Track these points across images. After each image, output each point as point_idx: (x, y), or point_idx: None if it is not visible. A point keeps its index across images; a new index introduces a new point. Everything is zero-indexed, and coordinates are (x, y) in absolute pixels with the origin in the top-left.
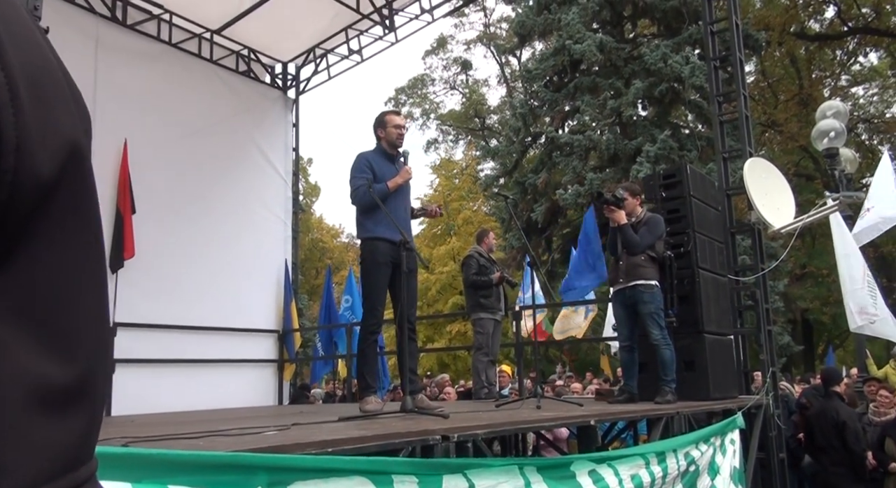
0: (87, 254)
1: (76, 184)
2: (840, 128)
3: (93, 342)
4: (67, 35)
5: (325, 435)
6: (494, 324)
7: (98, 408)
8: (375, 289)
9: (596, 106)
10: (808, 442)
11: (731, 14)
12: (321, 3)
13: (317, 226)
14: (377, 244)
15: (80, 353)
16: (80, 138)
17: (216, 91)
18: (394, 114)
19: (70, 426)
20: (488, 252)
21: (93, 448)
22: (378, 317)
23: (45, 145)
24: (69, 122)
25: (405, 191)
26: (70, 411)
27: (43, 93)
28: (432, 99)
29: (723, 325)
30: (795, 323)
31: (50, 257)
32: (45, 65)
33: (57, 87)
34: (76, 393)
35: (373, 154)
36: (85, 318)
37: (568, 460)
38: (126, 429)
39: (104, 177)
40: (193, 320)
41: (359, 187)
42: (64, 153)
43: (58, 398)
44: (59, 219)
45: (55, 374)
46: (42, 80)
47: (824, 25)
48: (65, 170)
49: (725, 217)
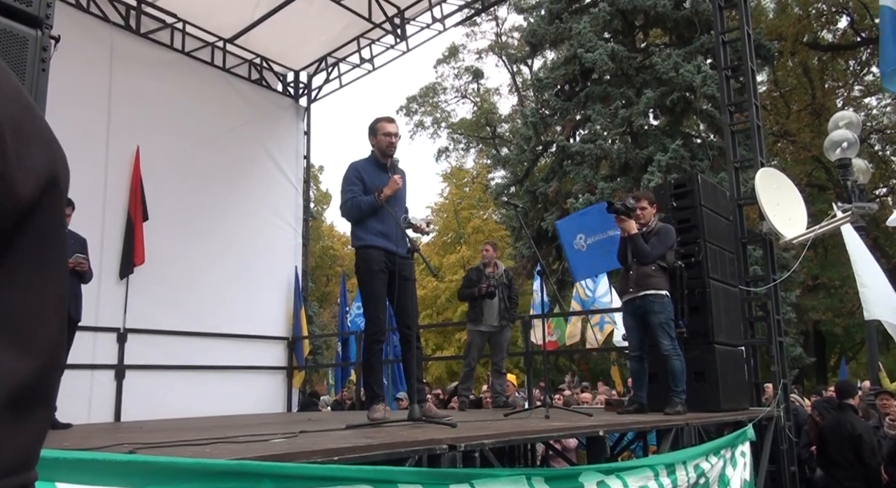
0: (56, 268)
1: (52, 209)
2: (853, 139)
3: (52, 347)
4: (82, 43)
5: (332, 443)
6: (479, 335)
7: (49, 420)
8: (373, 297)
9: (607, 115)
10: (820, 455)
11: (742, 24)
12: (333, 13)
13: (328, 233)
14: (370, 252)
15: (41, 357)
16: (57, 169)
17: (228, 99)
18: (386, 121)
19: (29, 426)
20: (483, 265)
21: (38, 455)
22: (380, 325)
23: (24, 176)
24: (46, 157)
25: (399, 199)
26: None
27: (24, 135)
28: (443, 107)
29: (733, 336)
30: (807, 334)
31: (25, 269)
32: (26, 113)
33: (35, 130)
34: (38, 394)
35: (364, 163)
36: (49, 325)
37: (576, 471)
38: (134, 436)
39: (116, 183)
40: (203, 326)
41: (346, 200)
42: (42, 182)
43: (27, 401)
44: (36, 237)
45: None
46: (23, 125)
47: (837, 36)
48: (42, 196)
49: (737, 227)
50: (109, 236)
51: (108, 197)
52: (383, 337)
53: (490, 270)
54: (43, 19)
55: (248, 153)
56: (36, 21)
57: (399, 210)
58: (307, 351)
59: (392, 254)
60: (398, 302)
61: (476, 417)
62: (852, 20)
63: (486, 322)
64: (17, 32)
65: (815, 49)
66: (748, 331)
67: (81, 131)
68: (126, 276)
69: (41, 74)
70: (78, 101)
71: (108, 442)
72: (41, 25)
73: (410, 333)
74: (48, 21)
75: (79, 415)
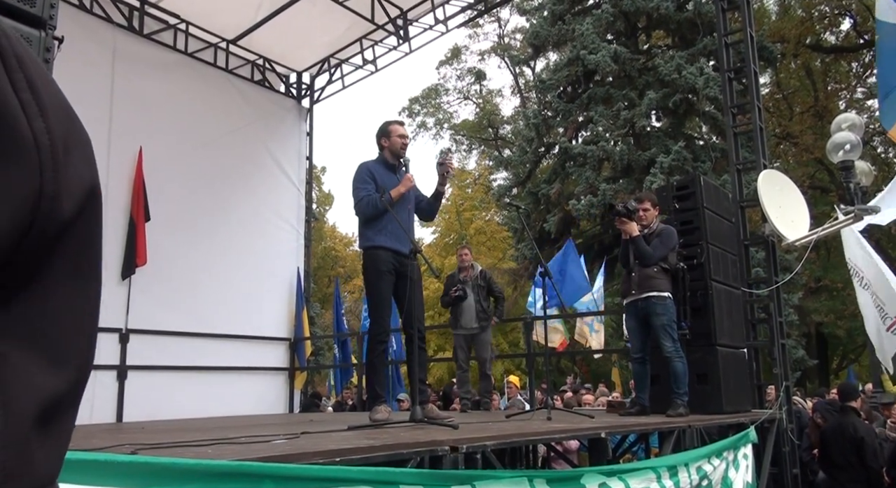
0: (93, 280)
1: (91, 222)
2: (855, 141)
3: (84, 360)
4: (85, 44)
5: (334, 444)
6: (461, 338)
7: (71, 429)
8: (379, 298)
9: (610, 116)
10: (822, 458)
11: (745, 26)
12: (336, 14)
13: (330, 234)
14: (378, 253)
15: (73, 371)
16: (96, 180)
17: (231, 100)
18: (398, 124)
19: (57, 438)
20: (459, 269)
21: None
22: (384, 326)
23: (70, 192)
24: (87, 167)
25: (407, 199)
26: (60, 424)
27: (70, 147)
28: (446, 109)
29: (736, 338)
30: (810, 336)
31: (64, 282)
32: (70, 122)
33: (78, 138)
34: (67, 408)
35: (374, 163)
36: (82, 338)
37: (578, 473)
38: (136, 436)
39: (119, 184)
40: (205, 327)
41: (362, 198)
42: (84, 195)
43: (57, 415)
44: (74, 253)
45: (57, 391)
46: (69, 137)
47: (840, 38)
48: (83, 209)
49: (739, 229)
50: (110, 237)
51: (109, 198)
52: (387, 337)
53: (465, 274)
54: (46, 20)
55: (250, 154)
56: (39, 22)
57: (411, 209)
58: (309, 352)
59: (399, 255)
60: (407, 303)
61: (478, 419)
62: (855, 22)
63: (464, 325)
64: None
65: (817, 51)
66: (751, 333)
67: None
68: (128, 277)
69: None
70: (80, 101)
71: (110, 442)
72: (45, 26)
73: (419, 335)
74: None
75: (80, 416)
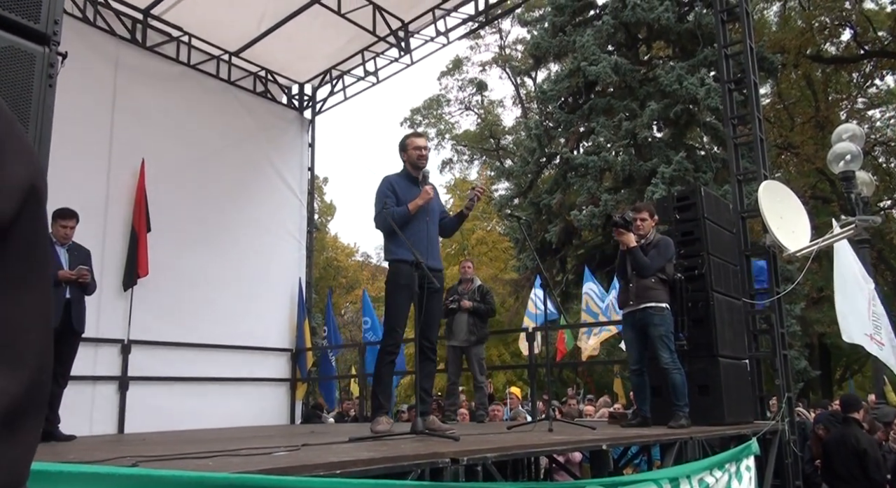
0: (40, 279)
1: (34, 221)
2: (856, 152)
3: (41, 359)
4: (88, 57)
5: (334, 456)
6: (453, 350)
7: (38, 432)
8: (395, 310)
9: (611, 127)
10: (825, 469)
11: (745, 37)
12: (338, 26)
13: (332, 244)
14: (399, 266)
15: (30, 372)
16: (37, 181)
17: (233, 111)
18: (416, 136)
19: (21, 441)
20: (459, 281)
21: (28, 470)
22: (396, 339)
23: (5, 190)
24: (26, 169)
25: (431, 211)
26: (22, 426)
27: (4, 149)
28: (447, 119)
29: (737, 349)
30: (812, 347)
31: (8, 283)
32: (7, 125)
33: (16, 141)
34: (28, 409)
35: (397, 177)
36: (36, 337)
37: (580, 485)
38: (137, 448)
39: (121, 195)
40: (207, 338)
41: (380, 212)
42: (23, 194)
43: (16, 420)
44: (18, 249)
45: (14, 393)
46: (4, 139)
47: (840, 48)
48: (23, 208)
49: (740, 239)
50: (111, 248)
51: (109, 209)
52: (397, 350)
53: (464, 286)
54: (50, 36)
55: (252, 165)
56: (43, 38)
57: (432, 221)
58: (311, 363)
59: (419, 267)
60: (425, 315)
61: (479, 430)
62: (855, 33)
63: (457, 337)
64: (24, 49)
65: (818, 61)
66: (752, 344)
67: (86, 144)
68: (130, 288)
69: (48, 90)
70: (83, 113)
71: (111, 454)
72: (48, 42)
73: (430, 346)
74: (55, 38)
75: (81, 427)
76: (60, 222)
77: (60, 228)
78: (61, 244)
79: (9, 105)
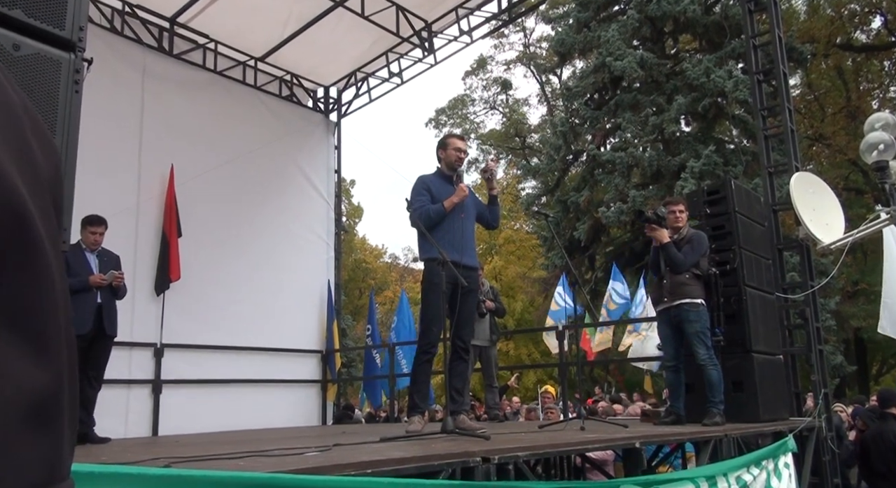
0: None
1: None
2: (889, 141)
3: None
4: (116, 66)
5: (366, 456)
6: (473, 350)
7: (74, 429)
8: (430, 309)
9: (638, 122)
10: (862, 465)
11: (773, 27)
12: (361, 29)
13: (360, 246)
14: (433, 265)
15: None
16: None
17: (260, 116)
18: (456, 137)
19: (51, 439)
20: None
21: (69, 465)
22: (431, 338)
23: None
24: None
25: (466, 210)
26: (56, 418)
27: None
28: (473, 119)
29: (772, 345)
30: (848, 342)
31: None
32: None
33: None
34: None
35: (432, 176)
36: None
37: (614, 484)
38: (170, 450)
39: (151, 201)
40: (238, 341)
41: (415, 210)
42: None
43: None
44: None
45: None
46: None
47: (871, 36)
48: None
49: (772, 233)
50: (143, 253)
51: (140, 215)
52: (434, 349)
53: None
54: (76, 42)
55: (279, 169)
56: (69, 44)
57: (467, 219)
58: (339, 364)
59: (457, 266)
60: (458, 314)
61: (510, 429)
62: (886, 20)
63: (479, 337)
64: (50, 56)
65: (848, 50)
66: (787, 339)
67: (115, 151)
68: (162, 292)
69: (74, 96)
70: (111, 121)
71: (145, 456)
72: (74, 48)
73: (463, 346)
74: (81, 44)
75: (116, 430)
76: (90, 229)
77: (90, 235)
78: (91, 250)
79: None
